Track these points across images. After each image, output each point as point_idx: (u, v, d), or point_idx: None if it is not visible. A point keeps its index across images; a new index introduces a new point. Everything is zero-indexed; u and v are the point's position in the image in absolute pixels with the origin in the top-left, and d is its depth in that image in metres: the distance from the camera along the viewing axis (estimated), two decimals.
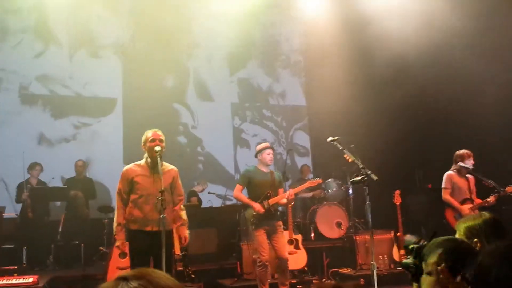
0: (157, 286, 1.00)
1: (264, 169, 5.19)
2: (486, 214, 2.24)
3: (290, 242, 5.91)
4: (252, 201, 5.05)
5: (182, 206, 4.25)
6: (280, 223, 5.16)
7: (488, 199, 5.35)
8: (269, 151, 5.20)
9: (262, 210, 4.98)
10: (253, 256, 6.06)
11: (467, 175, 5.54)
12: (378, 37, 7.52)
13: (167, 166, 4.13)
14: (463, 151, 5.55)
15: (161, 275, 1.05)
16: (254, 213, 4.97)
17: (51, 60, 8.25)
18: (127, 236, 4.03)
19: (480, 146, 6.11)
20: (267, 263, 4.96)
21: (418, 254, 1.90)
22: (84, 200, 6.87)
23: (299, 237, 6.11)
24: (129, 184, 4.02)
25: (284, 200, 5.19)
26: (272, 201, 5.05)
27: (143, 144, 4.09)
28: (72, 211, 6.75)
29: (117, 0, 8.75)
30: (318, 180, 5.59)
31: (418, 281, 1.80)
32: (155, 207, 3.86)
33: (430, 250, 1.81)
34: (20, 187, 6.76)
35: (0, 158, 7.51)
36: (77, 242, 6.38)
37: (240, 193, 5.21)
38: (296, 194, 5.88)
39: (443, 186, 5.57)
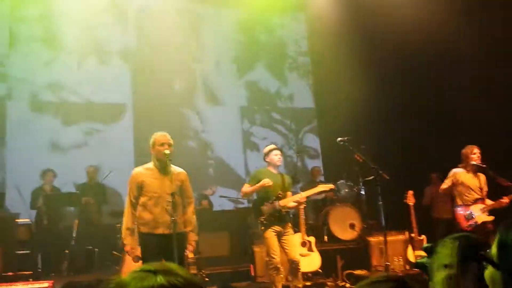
0: (189, 281, 0.98)
1: (274, 171, 5.13)
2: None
3: (303, 244, 5.88)
4: (255, 186, 4.91)
5: (193, 210, 4.24)
6: (290, 225, 5.08)
7: (502, 200, 5.12)
8: (277, 152, 5.14)
9: (271, 183, 4.84)
10: (266, 259, 6.04)
11: (478, 173, 5.30)
12: (387, 36, 7.50)
13: (176, 169, 4.13)
14: (467, 147, 5.33)
15: (183, 271, 1.04)
16: (265, 213, 4.87)
17: (61, 68, 8.32)
18: (138, 240, 4.03)
19: (497, 144, 6.02)
20: (279, 266, 4.86)
21: (432, 252, 1.85)
22: (96, 206, 6.91)
23: (312, 239, 6.07)
24: (138, 187, 4.02)
25: (294, 203, 5.11)
26: (283, 202, 4.97)
27: (151, 147, 4.10)
28: (85, 216, 6.79)
29: (123, 6, 8.81)
30: (330, 185, 5.53)
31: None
32: (165, 210, 3.86)
33: (443, 244, 1.78)
34: (34, 194, 6.81)
35: (13, 165, 7.59)
36: (90, 247, 6.42)
37: (246, 187, 5.08)
38: (307, 197, 5.84)
39: (445, 179, 5.46)
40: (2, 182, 7.62)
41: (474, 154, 5.24)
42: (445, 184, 5.39)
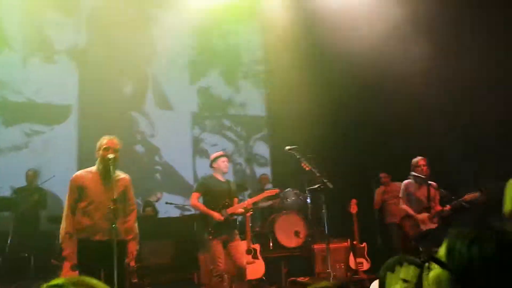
0: None
1: (221, 178, 5.15)
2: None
3: (249, 251, 5.89)
4: (210, 210, 4.96)
5: (135, 218, 4.12)
6: (237, 231, 5.13)
7: (444, 208, 5.33)
8: (224, 159, 5.17)
9: (222, 218, 4.90)
10: (210, 267, 6.00)
11: (430, 183, 5.48)
12: (341, 46, 7.68)
13: (119, 174, 4.03)
14: (415, 159, 5.50)
15: (99, 285, 1.01)
16: (214, 223, 4.88)
17: (3, 64, 7.92)
18: (76, 246, 3.88)
19: (441, 152, 6.27)
20: (224, 273, 4.89)
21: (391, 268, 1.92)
22: (34, 211, 6.61)
23: (257, 246, 6.10)
24: (78, 191, 3.88)
25: (242, 210, 5.15)
26: (230, 210, 4.99)
27: (96, 150, 3.98)
28: (21, 222, 6.46)
29: (74, 4, 8.55)
30: (275, 190, 5.67)
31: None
32: (105, 216, 3.75)
33: (407, 265, 1.88)
34: None
35: None
36: (26, 254, 6.11)
37: (197, 202, 5.10)
38: (254, 204, 5.88)
39: (399, 195, 5.65)
40: None
41: (421, 166, 5.44)
42: (403, 200, 5.58)
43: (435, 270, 1.28)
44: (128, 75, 8.78)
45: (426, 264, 1.35)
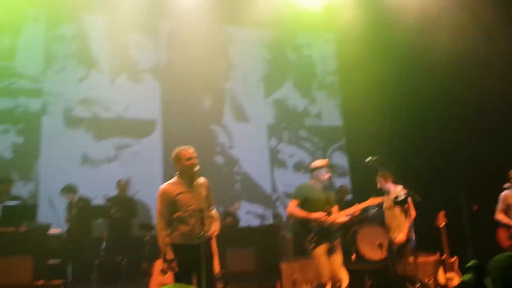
0: None
1: (319, 187, 4.86)
2: None
3: None
4: (310, 213, 4.63)
5: (216, 215, 4.33)
6: (339, 241, 4.77)
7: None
8: (327, 169, 4.86)
9: (325, 217, 4.58)
10: (294, 276, 5.97)
11: None
12: (416, 54, 7.45)
13: (199, 179, 4.18)
14: None
15: None
16: (314, 230, 4.59)
17: (94, 84, 8.60)
18: (173, 251, 4.06)
19: None
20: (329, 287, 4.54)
21: (478, 270, 1.83)
22: (126, 219, 7.01)
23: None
24: (171, 203, 4.05)
25: (345, 218, 4.78)
26: (332, 217, 4.66)
27: (176, 161, 4.12)
28: (114, 228, 6.89)
29: (155, 25, 9.08)
30: (381, 198, 5.25)
31: None
32: (198, 222, 3.90)
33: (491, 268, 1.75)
34: (68, 207, 6.97)
35: (47, 178, 7.81)
36: (119, 258, 6.50)
37: (296, 208, 4.77)
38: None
39: (497, 206, 5.37)
40: (35, 194, 7.83)
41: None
42: (501, 210, 5.29)
43: None
44: (207, 90, 9.12)
45: None
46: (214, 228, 4.24)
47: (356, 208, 4.80)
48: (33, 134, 8.11)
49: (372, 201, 5.04)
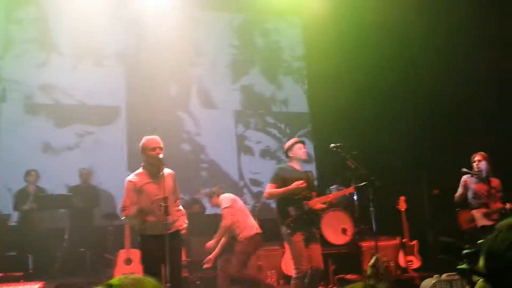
0: None
1: (298, 167, 4.63)
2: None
3: None
4: (288, 200, 4.39)
5: (182, 209, 4.36)
6: (316, 230, 4.66)
7: (505, 205, 5.17)
8: (300, 145, 4.64)
9: (304, 184, 4.33)
10: (259, 263, 6.04)
11: (490, 178, 5.38)
12: (383, 40, 7.54)
13: (165, 170, 4.15)
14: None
15: (150, 284, 1.05)
16: (292, 215, 4.38)
17: (55, 69, 8.30)
18: (140, 243, 4.09)
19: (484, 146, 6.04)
20: (306, 274, 4.36)
21: (473, 258, 1.85)
22: (88, 209, 6.89)
23: None
24: (137, 194, 4.03)
25: (322, 205, 4.62)
26: (313, 202, 4.46)
27: (141, 151, 4.12)
28: (77, 219, 6.77)
29: (120, 9, 8.82)
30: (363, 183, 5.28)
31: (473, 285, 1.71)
32: (163, 212, 3.90)
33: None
34: (18, 195, 6.77)
35: (5, 167, 7.54)
36: (82, 249, 6.40)
37: (272, 189, 4.50)
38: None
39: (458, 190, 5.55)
40: None
41: (474, 162, 5.35)
42: (458, 193, 5.47)
43: (479, 284, 1.23)
44: (173, 76, 8.97)
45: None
46: (182, 222, 4.24)
47: (333, 196, 4.79)
48: None
49: (350, 190, 4.96)
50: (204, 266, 5.43)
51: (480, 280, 1.25)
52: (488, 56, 6.66)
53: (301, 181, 4.39)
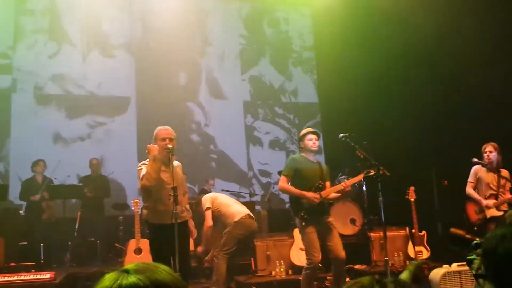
0: (155, 282, 1.01)
1: (311, 158, 4.63)
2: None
3: None
4: (303, 191, 4.41)
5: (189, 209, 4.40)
6: (332, 219, 4.63)
7: None
8: (311, 136, 4.59)
9: (318, 199, 4.35)
10: (267, 253, 6.08)
11: (500, 169, 5.30)
12: (393, 31, 7.45)
13: (174, 162, 4.18)
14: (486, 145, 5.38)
15: (164, 271, 1.07)
16: (306, 207, 4.38)
17: (66, 60, 8.37)
18: (149, 231, 4.14)
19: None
20: (319, 265, 4.43)
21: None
22: (99, 199, 6.96)
23: None
24: None
25: (337, 194, 4.57)
26: (325, 193, 4.43)
27: (154, 141, 4.15)
28: (88, 208, 6.84)
29: (129, 0, 8.83)
30: (372, 171, 5.23)
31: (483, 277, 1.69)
32: (172, 202, 3.93)
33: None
34: (24, 184, 6.84)
35: (17, 157, 7.65)
36: (93, 239, 6.48)
37: (287, 185, 4.52)
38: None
39: (468, 180, 5.49)
40: (6, 174, 7.70)
41: (487, 152, 5.28)
42: (471, 184, 5.41)
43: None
44: (182, 67, 8.98)
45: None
46: (189, 216, 4.28)
47: (346, 184, 4.64)
48: (2, 113, 7.90)
49: (360, 177, 4.82)
50: (204, 266, 5.50)
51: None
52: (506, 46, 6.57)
53: (317, 196, 4.39)
